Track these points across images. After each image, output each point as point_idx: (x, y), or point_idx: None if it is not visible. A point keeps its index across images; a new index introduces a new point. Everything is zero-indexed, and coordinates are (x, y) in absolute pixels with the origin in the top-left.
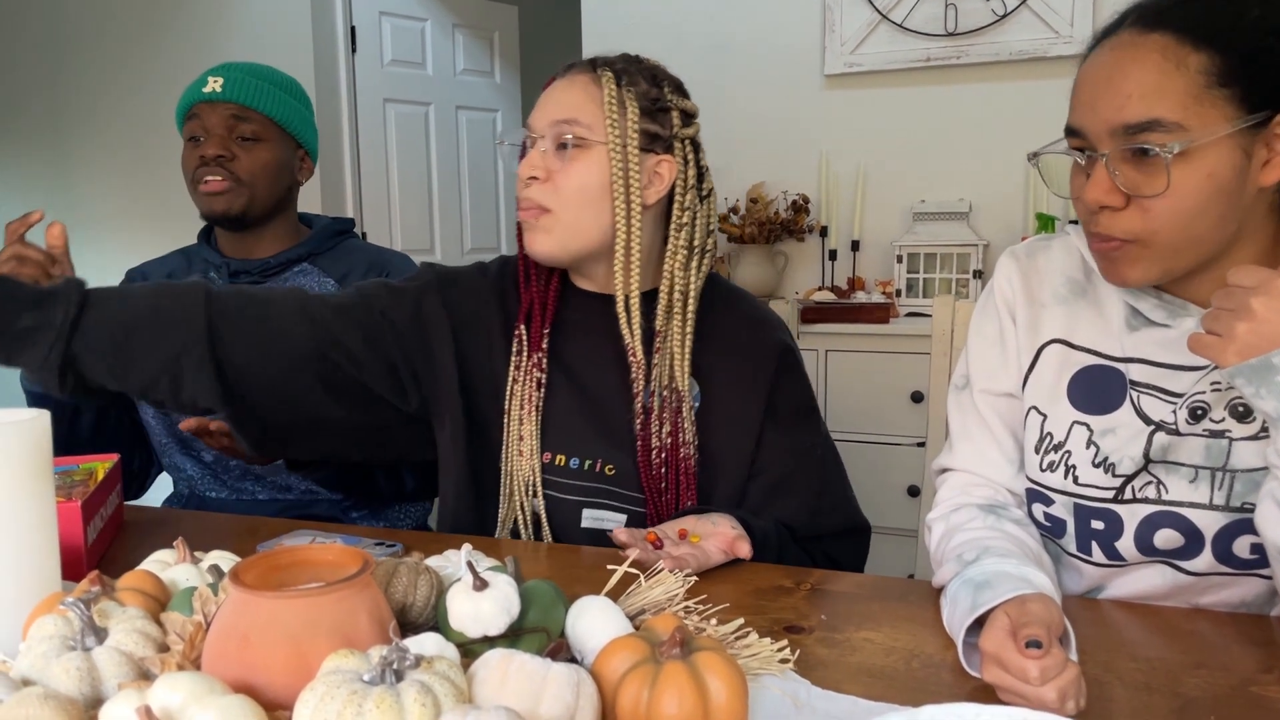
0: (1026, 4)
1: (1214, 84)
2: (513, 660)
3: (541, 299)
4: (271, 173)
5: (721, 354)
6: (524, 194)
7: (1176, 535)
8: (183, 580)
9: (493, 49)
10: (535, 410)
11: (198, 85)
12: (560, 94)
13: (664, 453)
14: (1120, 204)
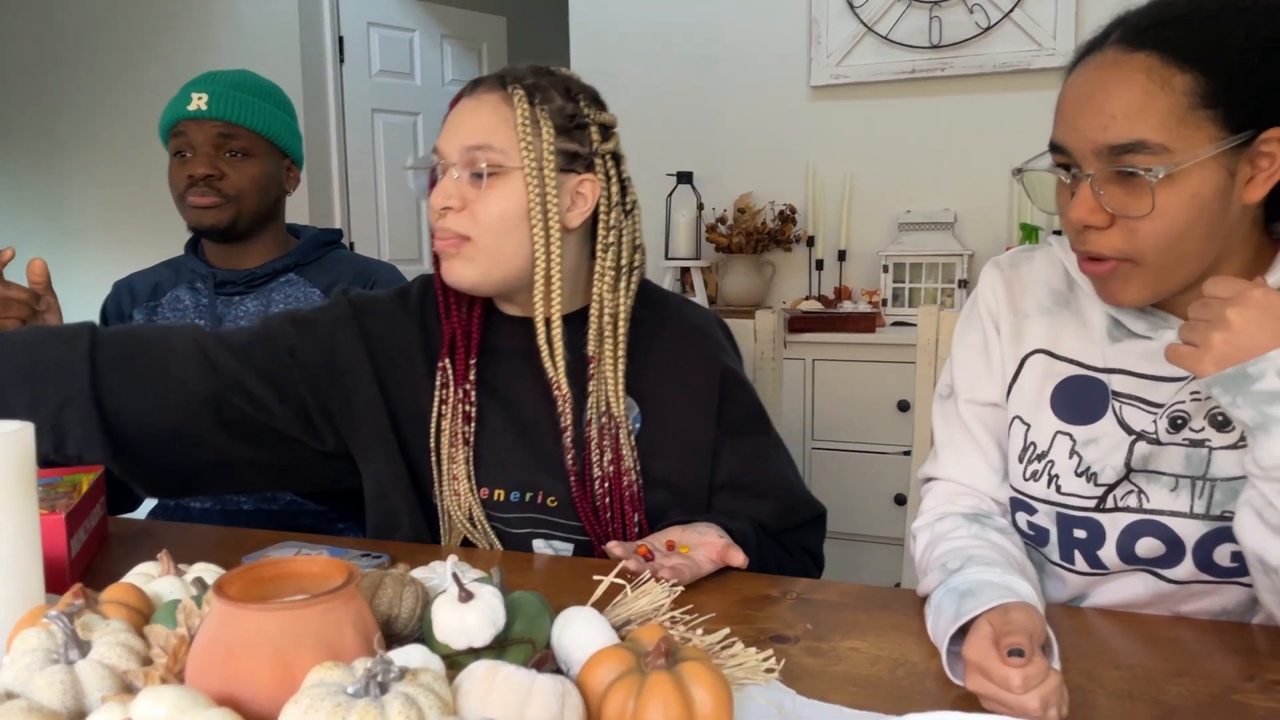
0: (1010, 17)
1: (1198, 105)
2: (498, 672)
3: (465, 329)
4: (260, 187)
5: (661, 376)
6: (439, 224)
7: (1158, 544)
8: (166, 593)
9: (481, 59)
10: (466, 444)
11: (181, 101)
12: (470, 117)
13: (606, 480)
14: (1105, 224)
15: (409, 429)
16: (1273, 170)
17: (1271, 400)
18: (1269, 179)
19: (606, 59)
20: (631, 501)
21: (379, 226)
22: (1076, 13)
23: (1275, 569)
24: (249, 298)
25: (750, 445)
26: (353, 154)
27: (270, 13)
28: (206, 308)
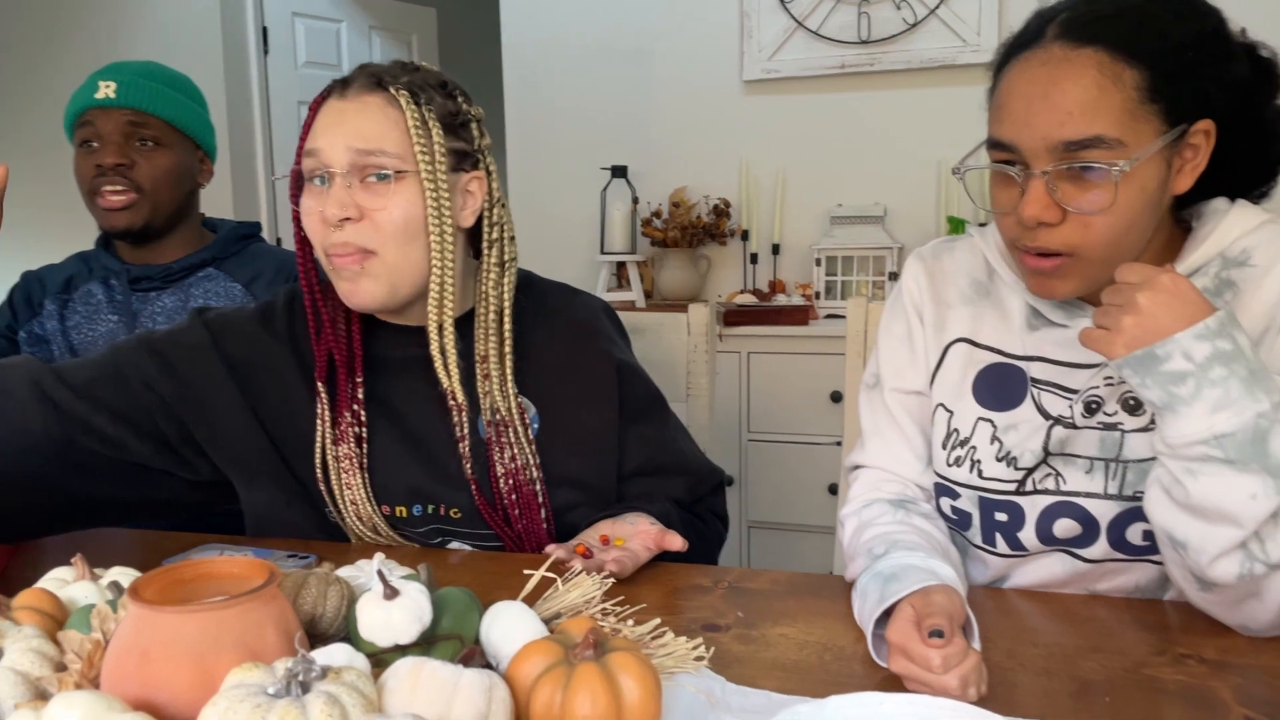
0: (935, 13)
1: (1145, 99)
2: (423, 668)
3: (345, 347)
4: (173, 179)
5: (554, 375)
6: (336, 238)
7: (1074, 524)
8: (81, 598)
9: (411, 51)
10: (360, 468)
11: (87, 90)
12: (355, 119)
13: (511, 479)
14: (1058, 219)
15: (294, 452)
16: (1197, 161)
17: (1177, 381)
18: (1194, 169)
19: (539, 52)
20: (536, 501)
21: None
22: (1000, 10)
23: (1182, 544)
24: (166, 293)
25: (653, 430)
26: (279, 147)
27: (190, 3)
28: (121, 304)
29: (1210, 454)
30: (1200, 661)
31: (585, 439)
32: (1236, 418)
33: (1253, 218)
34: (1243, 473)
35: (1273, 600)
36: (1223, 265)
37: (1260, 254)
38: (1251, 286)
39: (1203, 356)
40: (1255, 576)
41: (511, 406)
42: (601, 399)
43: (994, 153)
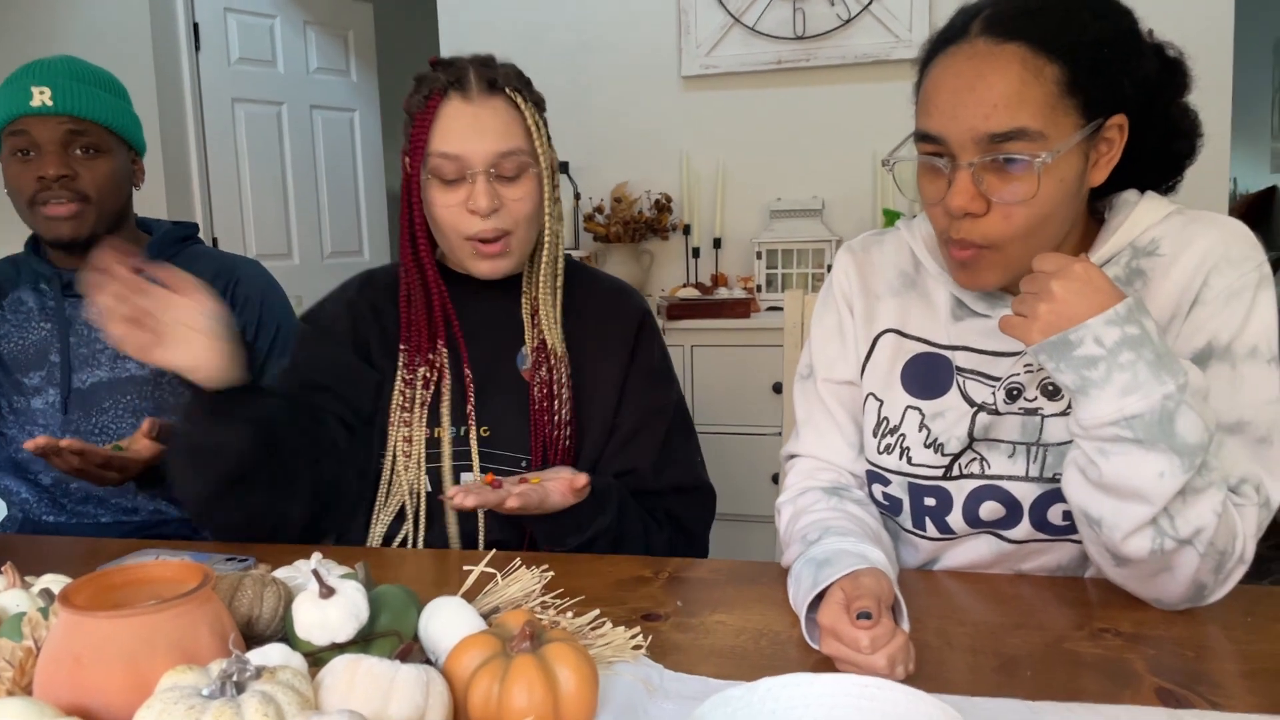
0: (869, 9)
1: (1065, 93)
2: (360, 665)
3: (441, 313)
4: (114, 185)
5: (588, 323)
6: (486, 225)
7: (998, 507)
8: (12, 606)
9: (348, 47)
10: (423, 407)
11: (18, 96)
12: (489, 124)
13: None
14: (983, 210)
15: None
16: (1111, 154)
17: (1089, 365)
18: (1109, 162)
19: (476, 47)
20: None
21: (243, 221)
22: (929, 6)
23: (1097, 521)
24: None
25: (645, 399)
26: (213, 146)
27: None
28: (54, 310)
29: (1121, 434)
30: (1116, 635)
31: (598, 383)
32: (1144, 400)
33: (1160, 209)
34: (1151, 451)
35: (1183, 574)
36: (1133, 255)
37: (1167, 244)
38: (1159, 275)
39: (1112, 341)
40: (1165, 551)
41: (559, 343)
42: (621, 344)
43: (922, 145)
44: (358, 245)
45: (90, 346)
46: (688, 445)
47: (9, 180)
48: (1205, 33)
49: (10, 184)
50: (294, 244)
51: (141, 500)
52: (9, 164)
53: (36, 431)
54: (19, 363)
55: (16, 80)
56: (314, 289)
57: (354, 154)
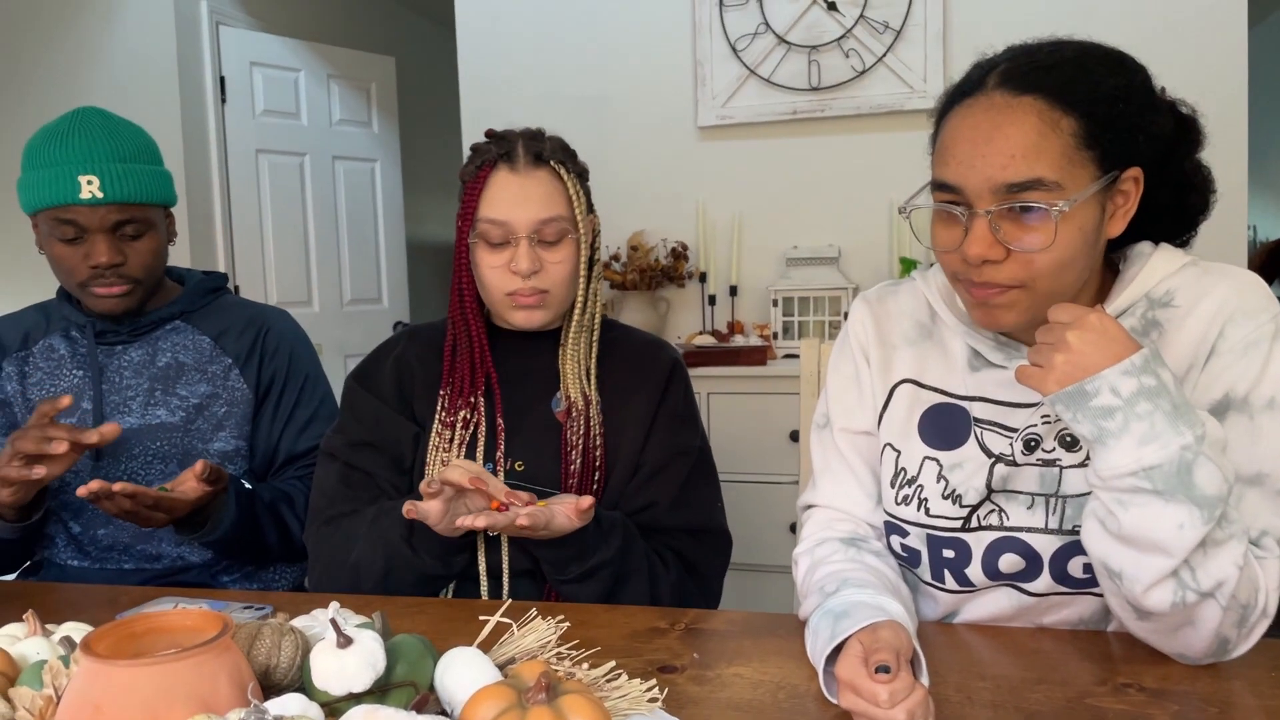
0: (883, 61)
1: (1081, 145)
2: (376, 715)
3: (480, 360)
4: (159, 258)
5: (621, 370)
6: (527, 284)
7: (1018, 559)
8: (33, 654)
9: (370, 99)
10: (460, 445)
11: (66, 185)
12: (535, 193)
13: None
14: (1001, 257)
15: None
16: (1128, 206)
17: (1106, 415)
18: (1126, 214)
19: (496, 100)
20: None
21: (265, 270)
22: (944, 58)
23: (1118, 574)
24: (133, 346)
25: (669, 439)
26: (237, 196)
27: (148, 52)
28: (85, 357)
29: (1139, 485)
30: (1140, 690)
31: (627, 426)
32: (1162, 450)
33: (1175, 260)
34: (1170, 503)
35: (1206, 628)
36: (1148, 306)
37: (1182, 295)
38: (1175, 327)
39: (1129, 392)
40: (1187, 604)
41: (591, 389)
42: (651, 390)
43: (938, 194)
44: (377, 293)
45: (122, 394)
46: (708, 489)
47: (58, 260)
48: (1219, 81)
49: (60, 264)
50: (314, 292)
51: (165, 547)
52: (54, 245)
53: (70, 479)
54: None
55: (56, 164)
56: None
57: (375, 203)
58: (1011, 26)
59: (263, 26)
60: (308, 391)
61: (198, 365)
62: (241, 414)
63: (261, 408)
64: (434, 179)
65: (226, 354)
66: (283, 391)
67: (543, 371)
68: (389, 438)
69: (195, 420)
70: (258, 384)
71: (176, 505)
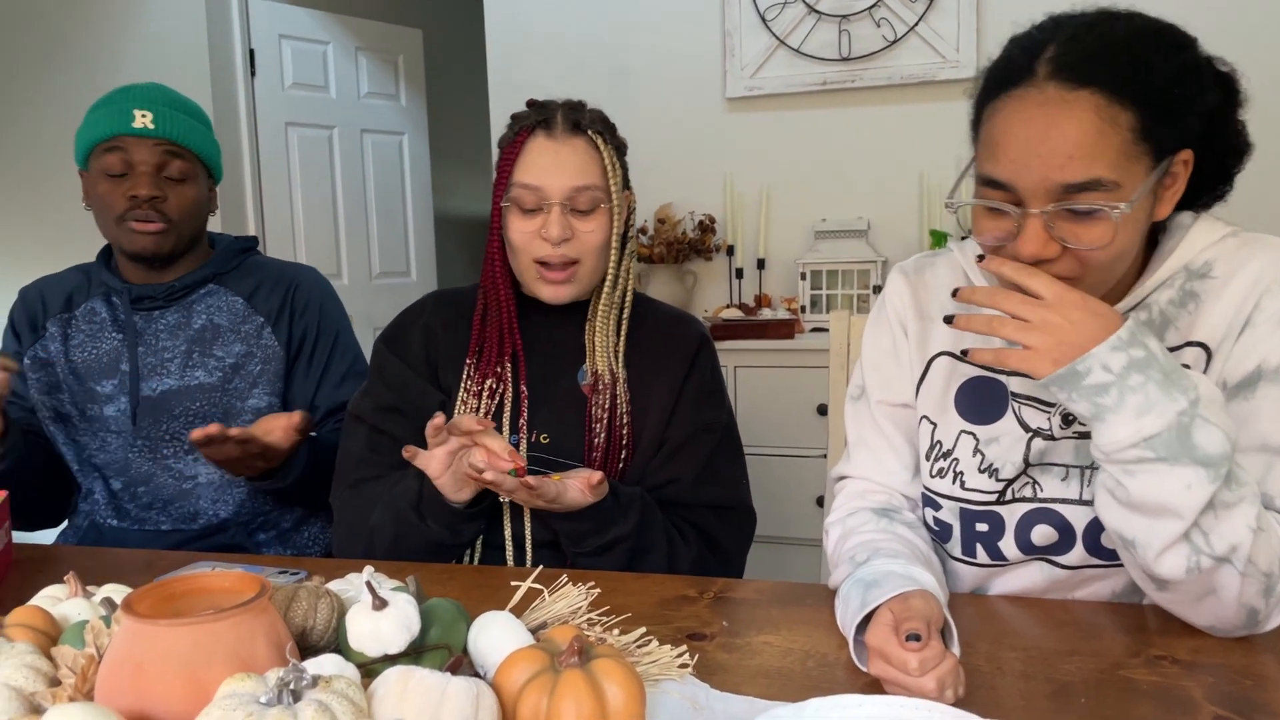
0: (915, 30)
1: (1139, 139)
2: (411, 676)
3: (508, 329)
4: (197, 210)
5: (648, 346)
6: (556, 252)
7: (1051, 531)
8: (74, 615)
9: (397, 72)
10: (486, 415)
11: (120, 116)
12: (569, 160)
13: (600, 422)
14: (1056, 255)
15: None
16: (1176, 188)
17: (1100, 392)
18: (1174, 195)
19: (523, 72)
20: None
21: (295, 241)
22: (977, 27)
23: (1132, 542)
24: (169, 311)
25: (694, 415)
26: (266, 168)
27: (178, 25)
28: (125, 323)
29: (1143, 455)
30: (1173, 662)
31: (652, 402)
32: (1160, 419)
33: (1215, 231)
34: (1175, 466)
35: (1228, 595)
36: (1187, 277)
37: (1220, 266)
38: (1212, 297)
39: (1120, 366)
40: (1203, 570)
41: (619, 366)
42: (677, 365)
43: (988, 190)
44: (405, 266)
45: (158, 356)
46: (733, 466)
47: (99, 196)
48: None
49: (100, 200)
50: (343, 264)
51: (203, 505)
52: (98, 181)
53: (110, 439)
54: (92, 371)
55: (114, 102)
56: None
57: (402, 176)
58: None
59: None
60: (340, 345)
61: (232, 326)
62: (274, 371)
63: (295, 364)
64: (461, 152)
65: (258, 313)
66: (315, 346)
67: (570, 343)
68: (416, 403)
69: (232, 379)
70: (289, 340)
71: (274, 453)
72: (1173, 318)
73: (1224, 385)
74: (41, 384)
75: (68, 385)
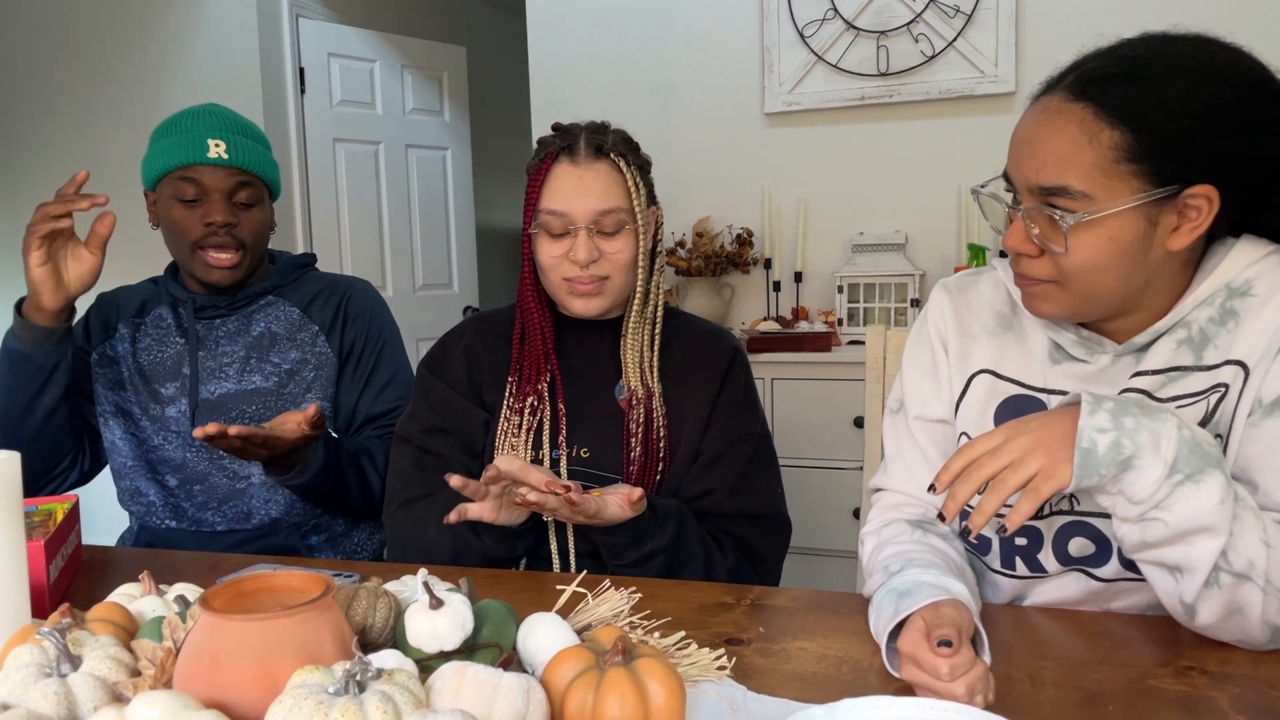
0: (954, 46)
1: (1122, 159)
2: (467, 671)
3: (545, 349)
4: (265, 234)
5: (683, 359)
6: (586, 271)
7: (1088, 543)
8: (149, 611)
9: (442, 89)
10: (529, 433)
11: (194, 146)
12: (593, 185)
13: (635, 437)
14: (1034, 252)
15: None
16: (1199, 222)
17: (1116, 450)
18: (1194, 230)
19: (565, 89)
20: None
21: (341, 256)
22: (1016, 42)
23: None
24: (230, 319)
25: (729, 427)
26: (315, 183)
27: (231, 45)
28: (188, 329)
29: (1175, 482)
30: (1202, 673)
31: (686, 415)
32: (1170, 441)
33: (1258, 249)
34: (1201, 482)
35: (1253, 614)
36: (1228, 295)
37: (1261, 283)
38: (1251, 316)
39: (1108, 421)
40: (1223, 586)
41: (653, 380)
42: (711, 378)
43: (1005, 182)
44: (448, 278)
45: (218, 361)
46: (769, 476)
47: (174, 221)
48: None
49: (175, 226)
50: (388, 276)
51: (256, 504)
52: (172, 207)
53: (170, 438)
54: (157, 373)
55: (186, 130)
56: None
57: (446, 191)
58: (1087, 9)
59: (339, 18)
60: (385, 356)
61: (289, 334)
62: (327, 377)
63: (344, 371)
64: (503, 167)
65: (314, 322)
66: (361, 354)
67: (607, 360)
68: (460, 423)
69: (287, 385)
70: (341, 348)
71: (279, 443)
72: (1212, 335)
73: (1259, 403)
74: (106, 379)
75: (132, 385)
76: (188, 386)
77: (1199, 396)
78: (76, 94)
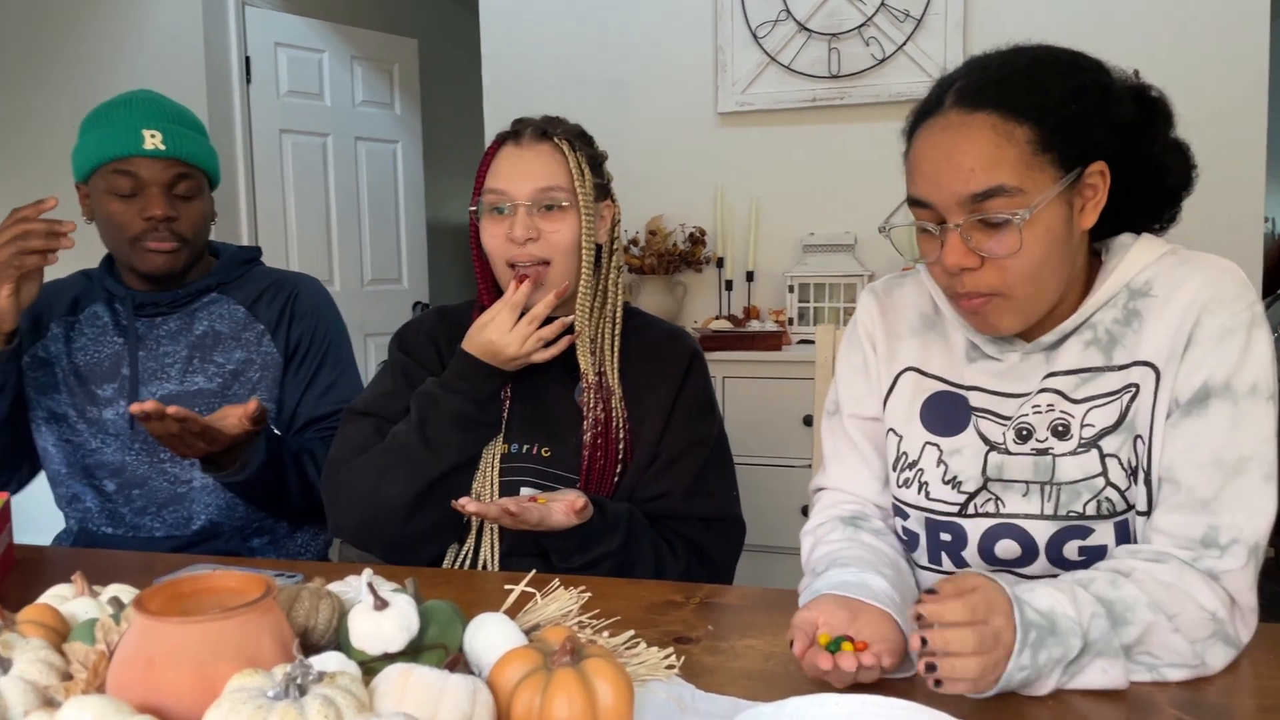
0: (903, 50)
1: (1038, 150)
2: (411, 673)
3: None
4: (205, 225)
5: (641, 361)
6: (522, 251)
7: (1014, 545)
8: (82, 613)
9: (393, 81)
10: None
11: (129, 136)
12: (533, 163)
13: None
14: (977, 265)
15: None
16: (1097, 198)
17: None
18: (1096, 206)
19: (518, 82)
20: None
21: (288, 249)
22: (963, 46)
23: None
24: (172, 317)
25: (687, 430)
26: (260, 174)
27: (174, 32)
28: (127, 328)
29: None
30: None
31: (644, 417)
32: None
33: (1154, 249)
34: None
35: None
36: (1129, 296)
37: (1159, 284)
38: (1153, 316)
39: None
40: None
41: (613, 379)
42: (669, 380)
43: (915, 210)
44: (397, 274)
45: (159, 361)
46: (723, 478)
47: (110, 215)
48: (1239, 73)
49: (111, 221)
50: (335, 271)
51: (196, 509)
52: (107, 201)
53: (109, 441)
54: (94, 374)
55: (118, 120)
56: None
57: (396, 184)
58: (1032, 16)
59: (287, 7)
60: (331, 357)
61: (233, 334)
62: (273, 377)
63: (287, 369)
64: (455, 161)
65: (259, 321)
66: (306, 354)
67: (569, 359)
68: None
69: (232, 385)
70: (286, 346)
71: (219, 437)
72: (1119, 336)
73: (1176, 403)
74: (39, 383)
75: (68, 386)
76: (127, 388)
77: (1112, 397)
78: (13, 85)
